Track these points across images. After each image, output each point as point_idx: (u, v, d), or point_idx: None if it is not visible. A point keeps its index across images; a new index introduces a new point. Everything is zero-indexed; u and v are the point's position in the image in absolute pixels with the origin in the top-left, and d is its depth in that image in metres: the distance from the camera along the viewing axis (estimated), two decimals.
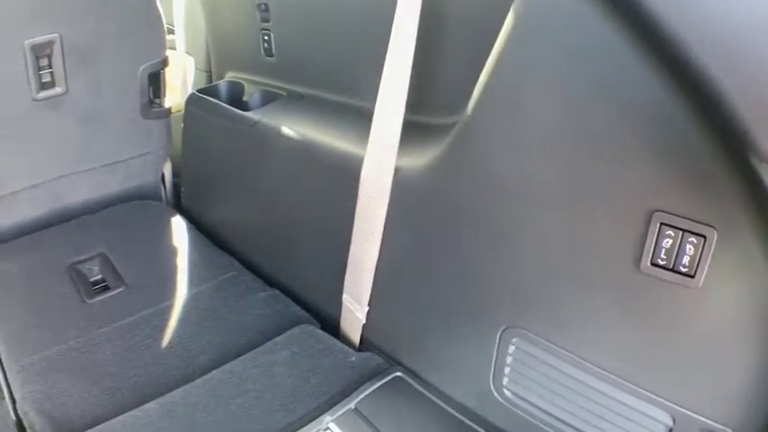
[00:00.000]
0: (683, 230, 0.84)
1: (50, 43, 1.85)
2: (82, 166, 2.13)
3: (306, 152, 1.66)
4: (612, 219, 0.94)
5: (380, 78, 1.30)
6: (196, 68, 2.39)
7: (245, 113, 1.87)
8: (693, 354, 0.94)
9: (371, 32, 1.43)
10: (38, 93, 1.89)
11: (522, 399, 1.20)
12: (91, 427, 1.41)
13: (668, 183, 0.86)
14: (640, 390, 1.00)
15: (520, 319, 1.15)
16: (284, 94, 1.91)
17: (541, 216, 1.06)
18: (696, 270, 0.84)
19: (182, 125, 2.25)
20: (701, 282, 0.85)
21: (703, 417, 0.95)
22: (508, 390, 1.21)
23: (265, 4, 1.84)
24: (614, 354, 1.03)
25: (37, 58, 1.85)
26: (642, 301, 0.95)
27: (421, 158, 1.31)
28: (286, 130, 1.72)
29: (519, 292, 1.15)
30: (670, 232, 0.84)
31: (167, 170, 2.37)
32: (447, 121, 1.31)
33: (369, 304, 1.48)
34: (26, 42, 1.81)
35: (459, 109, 1.23)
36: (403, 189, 1.33)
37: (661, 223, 0.85)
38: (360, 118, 1.55)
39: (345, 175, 1.46)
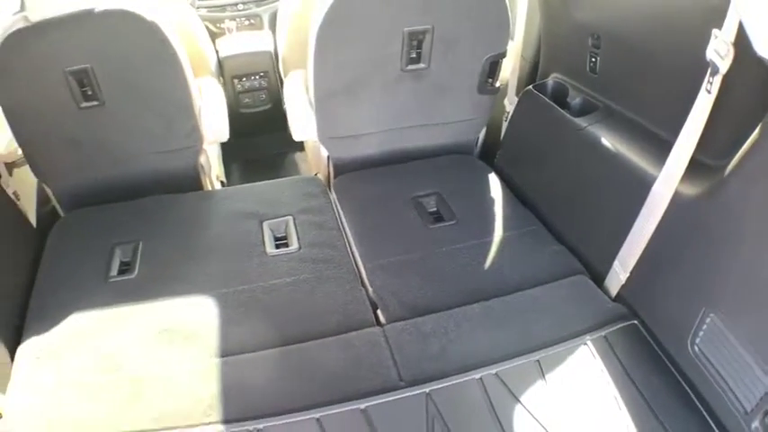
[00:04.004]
0: None
1: (424, 32, 2.47)
2: (422, 122, 2.79)
3: (615, 159, 2.16)
4: None
5: (676, 114, 1.74)
6: (522, 56, 2.88)
7: (576, 119, 2.38)
8: None
9: (684, 77, 1.83)
10: (406, 66, 2.55)
11: (703, 354, 1.72)
12: (429, 313, 2.02)
13: None
14: (762, 360, 1.56)
15: (716, 308, 1.69)
16: (600, 105, 2.38)
17: (747, 254, 1.61)
18: None
19: (505, 102, 2.89)
20: None
21: None
22: (697, 347, 1.74)
23: (598, 36, 2.33)
24: (756, 339, 1.58)
25: (410, 41, 2.48)
26: None
27: (692, 190, 1.79)
28: (604, 141, 2.23)
29: (721, 292, 1.69)
30: None
31: (482, 133, 3.03)
32: (713, 162, 1.77)
33: (630, 272, 2.00)
34: (405, 29, 2.44)
35: (723, 156, 1.69)
36: (676, 206, 1.83)
37: None
38: (651, 142, 2.07)
39: (638, 184, 1.95)
